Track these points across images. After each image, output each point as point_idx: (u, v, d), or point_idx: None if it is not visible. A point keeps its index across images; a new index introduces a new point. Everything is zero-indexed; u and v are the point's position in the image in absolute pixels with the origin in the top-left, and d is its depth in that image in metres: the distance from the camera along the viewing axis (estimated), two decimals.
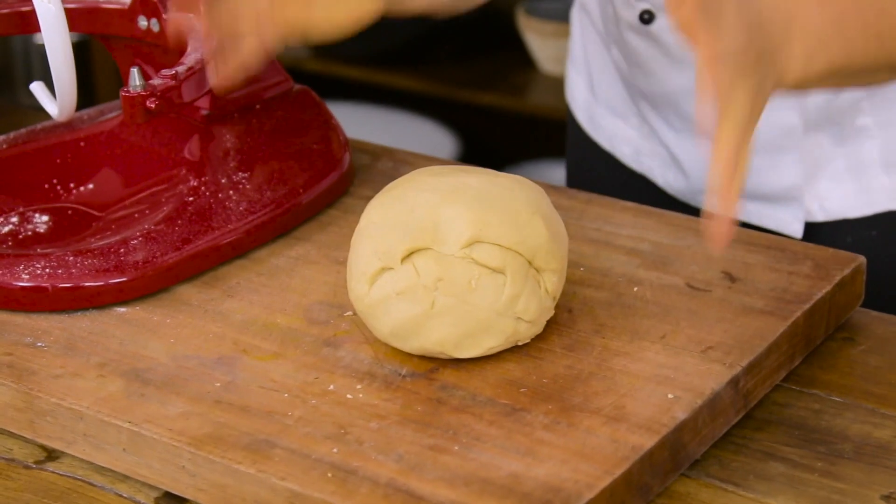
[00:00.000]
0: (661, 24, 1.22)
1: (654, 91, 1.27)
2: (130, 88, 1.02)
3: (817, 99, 1.20)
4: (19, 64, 2.47)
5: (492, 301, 0.94)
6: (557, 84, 2.71)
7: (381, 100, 2.82)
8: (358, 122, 2.35)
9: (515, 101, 2.66)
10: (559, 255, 0.97)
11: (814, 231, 1.25)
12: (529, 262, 0.96)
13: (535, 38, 2.71)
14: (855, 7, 0.94)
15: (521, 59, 2.76)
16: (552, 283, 0.97)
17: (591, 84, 1.38)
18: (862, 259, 1.07)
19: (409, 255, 0.95)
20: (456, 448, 0.88)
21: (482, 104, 2.70)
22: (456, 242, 0.95)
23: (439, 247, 0.95)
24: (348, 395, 0.93)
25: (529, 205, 0.97)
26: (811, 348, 1.03)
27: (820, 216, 1.25)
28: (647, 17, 1.22)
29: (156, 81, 1.03)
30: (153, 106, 1.02)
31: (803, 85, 0.94)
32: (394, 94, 2.80)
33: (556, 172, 2.55)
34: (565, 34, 2.66)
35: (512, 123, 2.78)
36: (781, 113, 1.20)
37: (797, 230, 1.25)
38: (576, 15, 1.41)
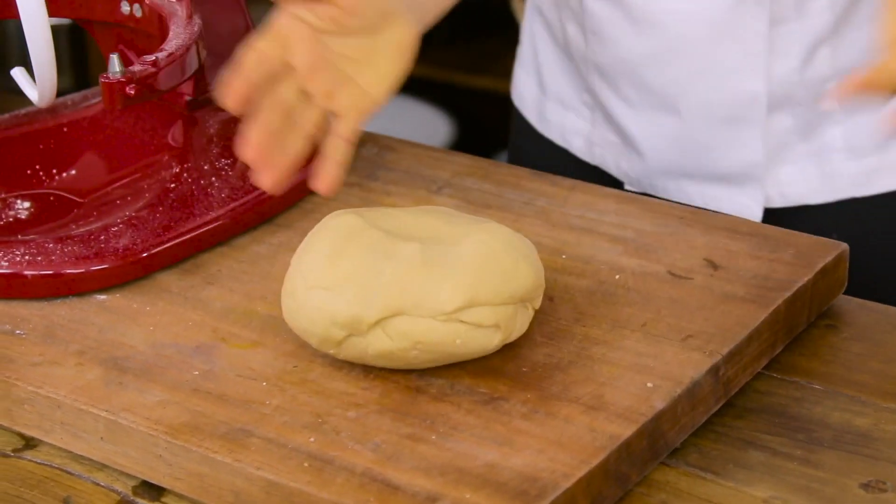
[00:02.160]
0: None
1: (612, 61, 1.25)
2: (110, 74, 1.02)
3: (781, 70, 1.19)
4: (13, 48, 2.46)
5: (482, 346, 0.93)
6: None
7: None
8: None
9: (507, 84, 2.65)
10: (541, 280, 0.96)
11: (772, 217, 1.24)
12: (519, 301, 0.94)
13: None
14: None
15: (516, 41, 2.75)
16: (538, 301, 0.97)
17: (539, 80, 1.37)
18: (845, 246, 1.06)
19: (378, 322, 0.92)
20: (433, 437, 0.88)
21: (476, 87, 2.69)
22: (440, 309, 0.91)
23: (417, 311, 0.91)
24: (326, 384, 0.93)
25: (508, 250, 0.94)
26: (793, 336, 1.02)
27: (779, 202, 1.24)
28: None
29: (135, 68, 1.02)
30: (132, 92, 1.01)
31: None
32: None
33: None
34: None
35: (506, 106, 2.77)
36: (746, 82, 1.20)
37: (756, 214, 1.24)
38: (526, 18, 1.40)
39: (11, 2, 1.06)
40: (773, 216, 1.24)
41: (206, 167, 1.12)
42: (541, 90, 1.37)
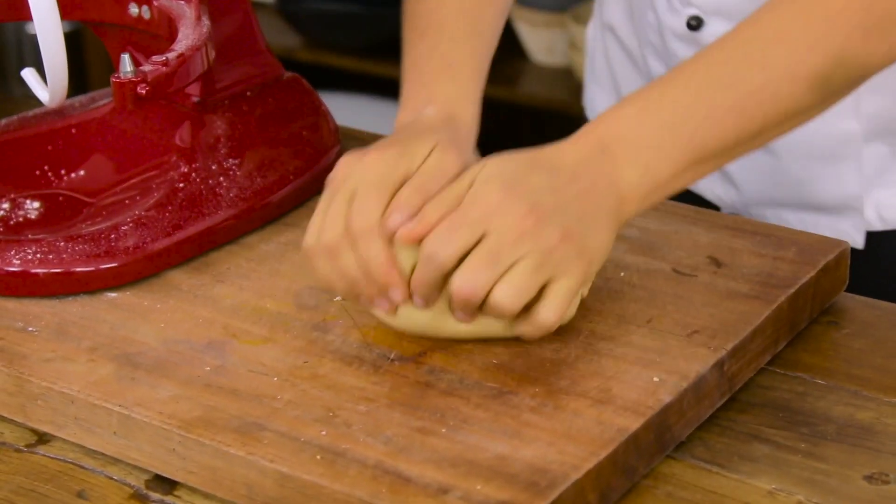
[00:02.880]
0: (710, 30, 1.20)
1: None
2: (121, 75, 1.03)
3: (872, 107, 1.18)
4: (12, 53, 2.47)
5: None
6: (549, 74, 2.71)
7: (373, 90, 2.82)
8: (350, 112, 2.35)
9: (506, 90, 2.67)
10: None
11: (874, 241, 1.22)
12: None
13: (527, 28, 2.71)
14: (688, 101, 0.94)
15: (512, 48, 2.76)
16: (587, 289, 0.99)
17: (619, 100, 1.34)
18: (846, 244, 1.07)
19: None
20: (443, 430, 0.89)
21: None
22: None
23: None
24: (337, 379, 0.94)
25: None
26: (795, 332, 1.03)
27: (878, 225, 1.23)
28: (694, 24, 1.20)
29: (146, 68, 1.04)
30: (143, 92, 1.02)
31: (658, 193, 0.96)
32: (386, 84, 2.80)
33: None
34: (557, 24, 2.67)
35: (503, 113, 2.78)
36: (840, 121, 1.18)
37: (858, 241, 1.23)
38: (596, 34, 1.38)
39: (24, 4, 1.07)
40: (873, 240, 1.22)
41: (213, 167, 1.13)
42: None
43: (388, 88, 2.84)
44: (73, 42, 2.55)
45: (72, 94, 1.15)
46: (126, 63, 1.04)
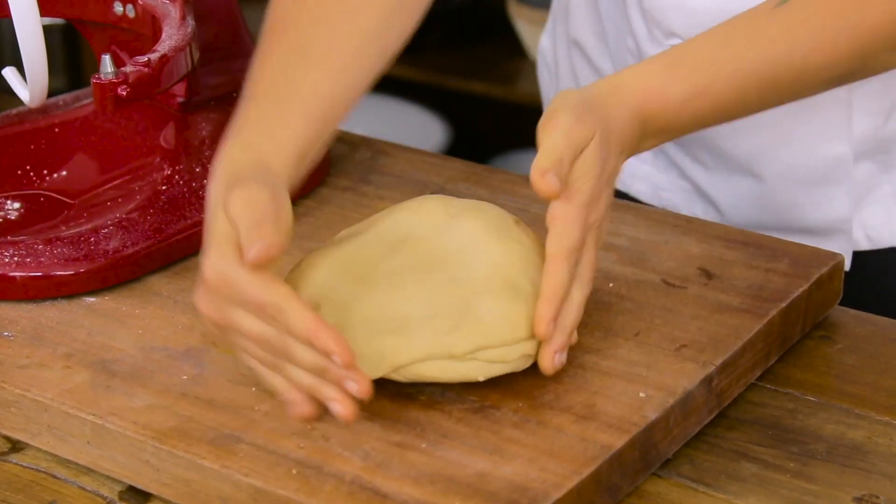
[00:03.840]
0: None
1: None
2: (102, 75, 1.01)
3: (863, 128, 1.15)
4: (6, 48, 2.45)
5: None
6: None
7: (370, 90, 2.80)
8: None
9: (505, 89, 2.65)
10: None
11: (860, 260, 1.20)
12: None
13: (526, 25, 2.69)
14: (732, 94, 0.97)
15: (511, 47, 2.75)
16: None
17: None
18: (841, 257, 1.05)
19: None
20: (423, 445, 0.87)
21: (472, 92, 2.68)
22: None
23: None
24: None
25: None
26: (787, 347, 1.01)
27: (865, 245, 1.20)
28: None
29: (128, 69, 1.02)
30: (125, 94, 1.00)
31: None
32: (383, 82, 2.78)
33: None
34: None
35: (501, 112, 2.76)
36: (831, 146, 1.16)
37: (845, 262, 1.19)
38: (559, 50, 1.33)
39: (3, 2, 1.05)
40: (859, 259, 1.20)
41: (198, 169, 1.11)
42: None
43: (387, 85, 2.83)
44: (69, 35, 2.53)
45: (68, 88, 1.13)
46: (107, 64, 1.01)
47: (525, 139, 2.79)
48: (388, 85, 2.88)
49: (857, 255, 1.20)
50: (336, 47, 0.98)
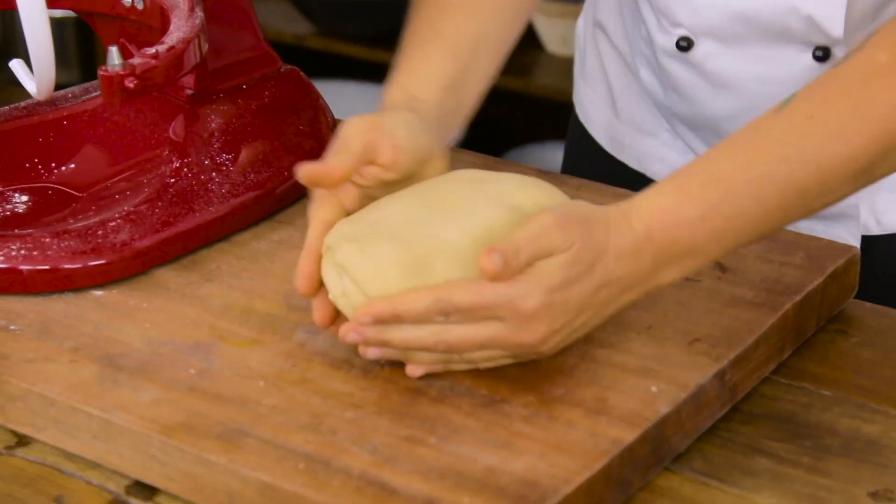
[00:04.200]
0: (701, 52, 1.16)
1: (693, 115, 1.21)
2: (109, 67, 1.00)
3: None
4: (19, 40, 2.45)
5: None
6: (563, 65, 2.68)
7: (384, 78, 2.80)
8: (360, 101, 2.33)
9: (520, 81, 2.64)
10: None
11: (869, 245, 1.19)
12: None
13: (542, 18, 2.68)
14: (746, 206, 0.91)
15: (527, 39, 2.73)
16: None
17: (612, 103, 1.31)
18: (856, 250, 1.04)
19: None
20: (432, 440, 0.86)
21: None
22: None
23: None
24: (325, 384, 0.91)
25: None
26: (802, 340, 1.00)
27: (876, 230, 1.19)
28: (684, 45, 1.16)
29: (135, 60, 1.01)
30: (132, 86, 1.00)
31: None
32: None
33: (560, 155, 2.52)
34: (571, 15, 2.64)
35: (516, 104, 2.75)
36: None
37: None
38: (587, 31, 1.35)
39: None
40: (870, 244, 1.19)
41: (206, 162, 1.10)
42: (614, 113, 1.31)
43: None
44: (82, 29, 2.53)
45: (81, 81, 1.12)
46: (114, 55, 1.01)
47: (540, 132, 2.79)
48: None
49: (867, 240, 1.19)
50: (472, 2, 1.09)
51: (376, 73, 2.91)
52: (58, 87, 1.11)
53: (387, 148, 0.96)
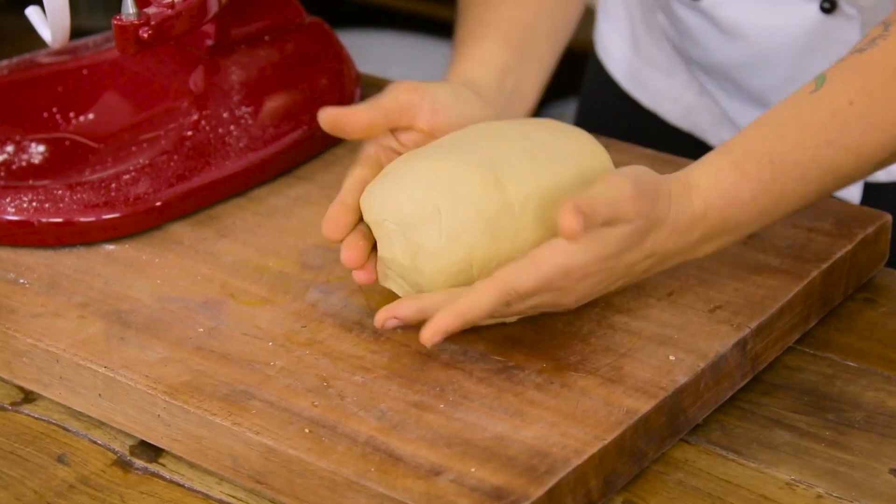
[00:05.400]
0: (710, 1, 1.15)
1: (706, 61, 1.22)
2: (123, 16, 0.98)
3: None
4: None
5: None
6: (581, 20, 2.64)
7: (411, 27, 2.77)
8: (385, 50, 2.29)
9: None
10: None
11: (873, 192, 1.18)
12: None
13: None
14: (792, 187, 0.91)
15: None
16: None
17: (634, 42, 1.30)
18: (887, 216, 1.01)
19: None
20: (441, 406, 0.84)
21: None
22: None
23: None
24: (335, 346, 0.89)
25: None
26: (828, 309, 0.97)
27: (882, 177, 1.18)
28: None
29: (151, 10, 0.99)
30: (146, 36, 0.97)
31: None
32: (422, 22, 2.75)
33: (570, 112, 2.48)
34: None
35: None
36: None
37: (854, 194, 1.19)
38: None
39: None
40: (874, 191, 1.18)
41: (225, 115, 1.08)
42: (634, 50, 1.31)
43: (425, 26, 2.79)
44: None
45: (105, 25, 1.09)
46: (129, 4, 0.98)
47: (562, 90, 2.74)
48: (426, 25, 2.84)
49: (871, 187, 1.18)
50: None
51: (405, 21, 2.88)
52: (81, 32, 1.09)
53: (426, 111, 0.95)
